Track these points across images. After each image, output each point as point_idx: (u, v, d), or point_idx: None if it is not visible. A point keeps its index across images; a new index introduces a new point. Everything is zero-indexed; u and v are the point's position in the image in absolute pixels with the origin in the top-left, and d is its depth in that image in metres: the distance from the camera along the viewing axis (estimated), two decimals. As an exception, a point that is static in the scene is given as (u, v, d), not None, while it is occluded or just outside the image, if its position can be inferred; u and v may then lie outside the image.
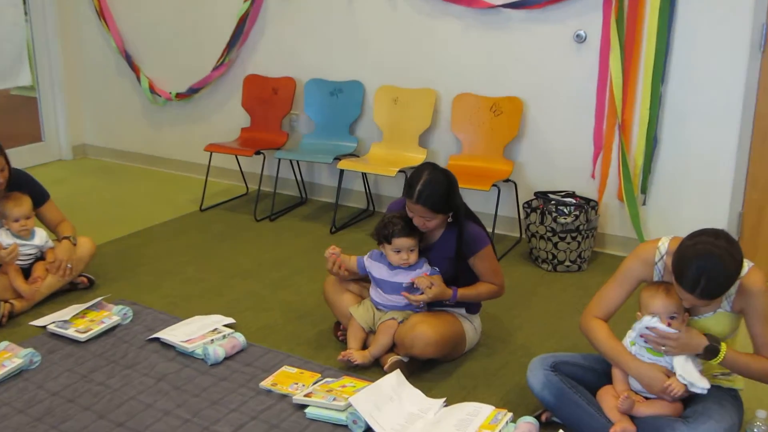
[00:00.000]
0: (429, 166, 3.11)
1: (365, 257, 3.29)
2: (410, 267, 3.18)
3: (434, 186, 3.03)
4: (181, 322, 3.52)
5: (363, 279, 3.36)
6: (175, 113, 6.32)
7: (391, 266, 3.18)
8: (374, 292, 3.28)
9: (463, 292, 3.16)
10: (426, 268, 3.18)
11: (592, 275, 4.29)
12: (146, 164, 6.62)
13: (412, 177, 3.08)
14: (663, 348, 2.52)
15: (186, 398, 2.96)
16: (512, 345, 3.49)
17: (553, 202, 4.37)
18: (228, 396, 2.97)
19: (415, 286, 3.13)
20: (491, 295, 3.27)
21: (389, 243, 3.13)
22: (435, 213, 3.04)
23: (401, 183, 5.21)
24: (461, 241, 3.16)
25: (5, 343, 3.28)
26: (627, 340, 2.64)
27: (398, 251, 3.14)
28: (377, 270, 3.24)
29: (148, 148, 6.58)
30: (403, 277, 3.19)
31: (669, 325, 2.52)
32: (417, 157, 4.94)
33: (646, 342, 2.58)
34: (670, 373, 2.56)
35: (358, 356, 3.21)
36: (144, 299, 3.94)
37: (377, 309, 3.28)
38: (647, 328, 2.53)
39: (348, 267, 3.27)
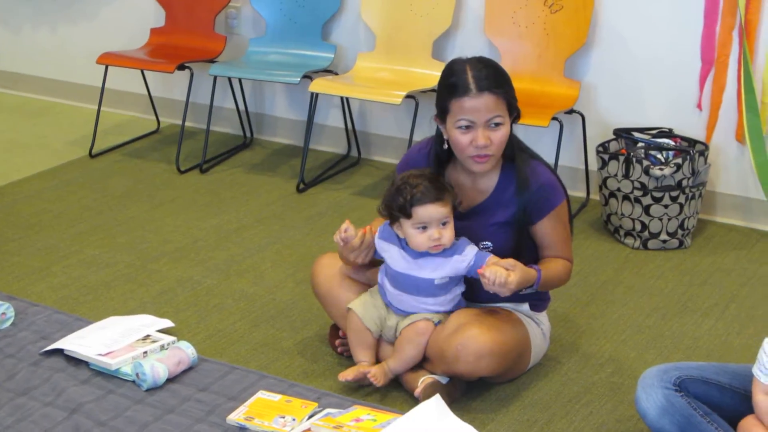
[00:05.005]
0: (464, 58, 3.23)
1: (377, 233, 3.33)
2: (445, 252, 3.21)
3: (488, 66, 3.17)
4: (92, 326, 3.53)
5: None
6: (47, 8, 6.24)
7: (414, 252, 3.23)
8: (387, 286, 3.33)
9: (543, 276, 3.22)
10: (471, 250, 3.21)
11: (698, 254, 4.41)
12: (2, 86, 6.55)
13: (450, 77, 3.17)
14: None
15: (118, 440, 2.99)
16: (595, 359, 3.58)
17: (641, 144, 4.46)
18: (182, 436, 3.02)
19: (486, 278, 3.09)
20: (565, 279, 3.35)
21: (408, 216, 3.16)
22: (505, 106, 3.14)
23: (403, 117, 5.26)
24: (527, 192, 3.22)
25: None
26: None
27: (424, 227, 3.16)
28: (392, 257, 3.28)
29: (4, 61, 6.50)
30: (434, 268, 3.21)
31: None
32: (431, 75, 4.98)
33: None
34: None
35: (378, 374, 3.26)
36: (27, 291, 3.95)
37: (394, 312, 3.35)
38: None
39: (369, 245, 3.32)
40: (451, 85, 3.15)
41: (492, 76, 3.14)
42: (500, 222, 3.27)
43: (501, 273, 3.06)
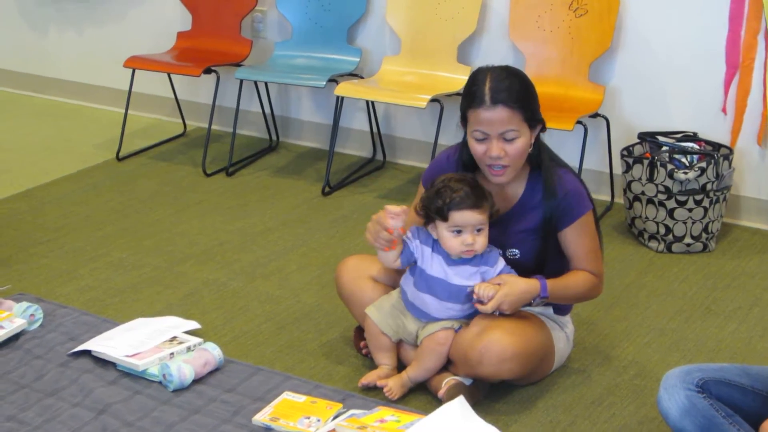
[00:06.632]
0: (488, 67, 3.24)
1: (409, 235, 3.33)
2: (477, 258, 3.26)
3: (509, 79, 3.17)
4: (119, 328, 3.58)
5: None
6: (72, 11, 6.32)
7: (450, 258, 3.28)
8: (411, 292, 3.36)
9: (553, 286, 3.28)
10: (500, 264, 3.28)
11: (722, 258, 4.43)
12: (29, 89, 6.63)
13: (470, 85, 3.21)
14: None
15: (146, 440, 3.04)
16: (618, 361, 3.61)
17: (665, 148, 4.48)
18: (208, 436, 3.07)
19: (475, 296, 3.22)
20: (589, 293, 3.38)
21: (445, 219, 3.21)
22: (522, 119, 3.15)
23: (428, 120, 5.30)
24: (552, 200, 3.26)
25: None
26: None
27: (459, 232, 3.21)
28: (425, 260, 3.31)
29: (32, 64, 6.57)
30: (466, 276, 3.26)
31: None
32: (456, 79, 5.02)
33: None
34: None
35: (395, 387, 3.31)
36: (55, 293, 4.01)
37: (413, 316, 3.38)
38: None
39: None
40: (470, 93, 3.19)
41: (510, 89, 3.15)
42: (527, 229, 3.32)
43: (489, 288, 3.17)
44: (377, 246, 3.27)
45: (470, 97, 3.19)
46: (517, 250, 3.32)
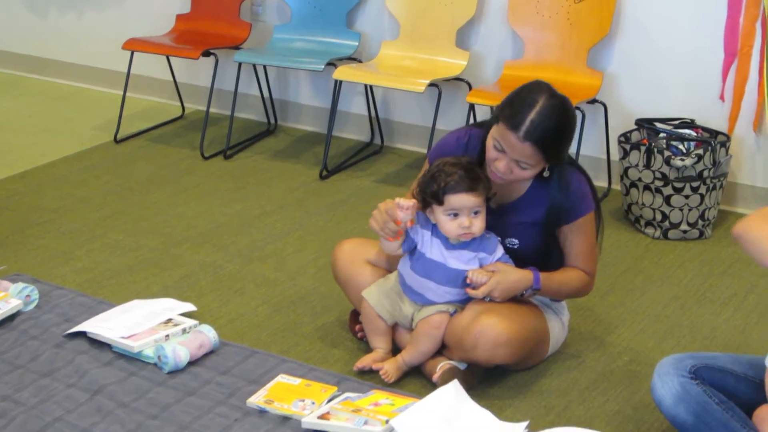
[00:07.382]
0: (545, 90, 3.14)
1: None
2: (476, 243, 3.26)
3: (553, 121, 3.08)
4: (115, 309, 3.59)
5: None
6: (70, -9, 6.33)
7: (448, 242, 3.28)
8: (409, 276, 3.36)
9: (545, 279, 3.28)
10: (499, 251, 3.29)
11: (718, 245, 4.43)
12: (28, 71, 6.62)
13: (520, 99, 3.13)
14: None
15: (140, 421, 3.02)
16: (613, 347, 3.61)
17: (663, 135, 4.47)
18: (203, 418, 3.04)
19: (468, 281, 3.24)
20: (579, 291, 3.40)
21: (441, 203, 3.21)
22: (542, 160, 3.13)
23: (426, 105, 5.29)
24: (559, 198, 3.26)
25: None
26: None
27: (455, 215, 3.22)
28: (425, 243, 3.31)
29: (31, 46, 6.56)
30: (464, 261, 3.26)
31: None
32: (453, 64, 5.02)
33: None
34: None
35: (390, 370, 3.31)
36: (51, 274, 4.01)
37: (410, 299, 3.38)
38: None
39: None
40: (513, 109, 3.10)
41: (545, 132, 3.06)
42: (528, 222, 3.31)
43: (481, 274, 3.20)
44: (382, 235, 3.27)
45: (511, 112, 3.09)
46: (516, 240, 3.32)
